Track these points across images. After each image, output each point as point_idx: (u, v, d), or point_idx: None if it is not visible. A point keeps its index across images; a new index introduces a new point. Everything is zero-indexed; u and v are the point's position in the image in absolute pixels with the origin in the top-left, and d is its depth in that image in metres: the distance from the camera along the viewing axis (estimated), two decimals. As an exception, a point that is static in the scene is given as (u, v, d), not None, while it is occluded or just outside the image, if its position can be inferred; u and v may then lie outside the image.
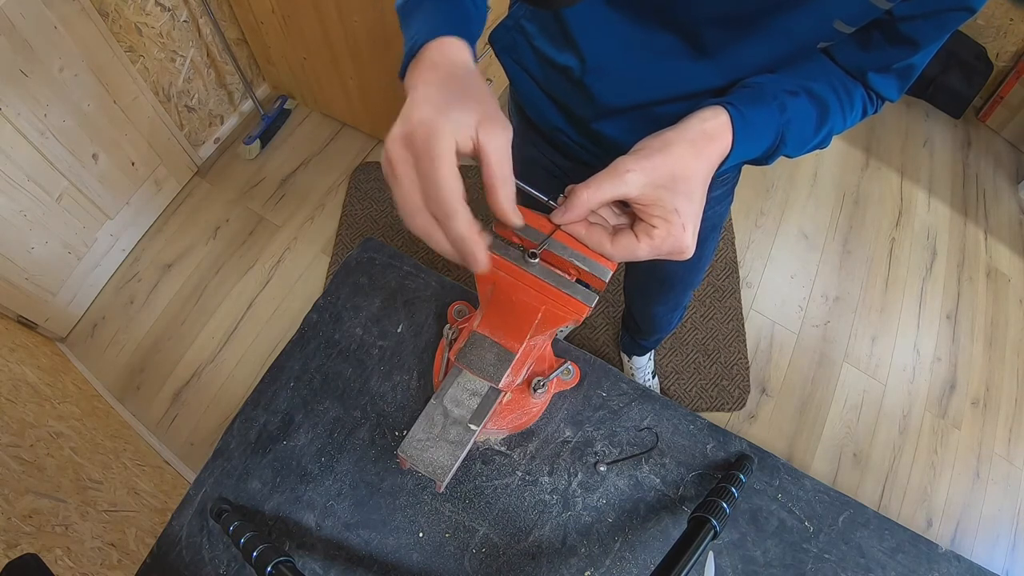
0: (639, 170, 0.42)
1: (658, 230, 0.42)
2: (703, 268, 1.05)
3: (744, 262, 1.90)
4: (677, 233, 0.42)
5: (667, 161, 0.42)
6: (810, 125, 0.52)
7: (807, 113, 0.51)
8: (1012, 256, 2.03)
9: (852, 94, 0.55)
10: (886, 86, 0.55)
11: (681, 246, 0.43)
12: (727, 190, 0.84)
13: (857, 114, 0.56)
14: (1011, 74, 2.12)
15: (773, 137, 0.49)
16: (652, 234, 0.43)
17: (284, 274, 1.82)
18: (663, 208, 0.42)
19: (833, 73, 0.54)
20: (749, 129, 0.46)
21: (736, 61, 0.52)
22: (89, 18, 1.41)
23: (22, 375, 1.29)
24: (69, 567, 0.91)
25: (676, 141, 0.43)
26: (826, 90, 0.52)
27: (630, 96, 0.59)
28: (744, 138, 0.46)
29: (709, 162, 0.45)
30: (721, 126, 0.45)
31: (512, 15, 0.67)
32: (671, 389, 1.69)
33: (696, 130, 0.44)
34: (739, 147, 0.46)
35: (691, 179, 0.43)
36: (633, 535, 0.64)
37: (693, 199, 0.43)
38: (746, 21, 0.48)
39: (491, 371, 0.47)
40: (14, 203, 1.43)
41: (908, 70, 0.53)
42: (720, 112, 0.45)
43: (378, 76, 1.68)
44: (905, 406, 1.73)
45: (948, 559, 0.65)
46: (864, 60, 0.53)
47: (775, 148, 0.50)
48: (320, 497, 0.65)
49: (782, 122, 0.49)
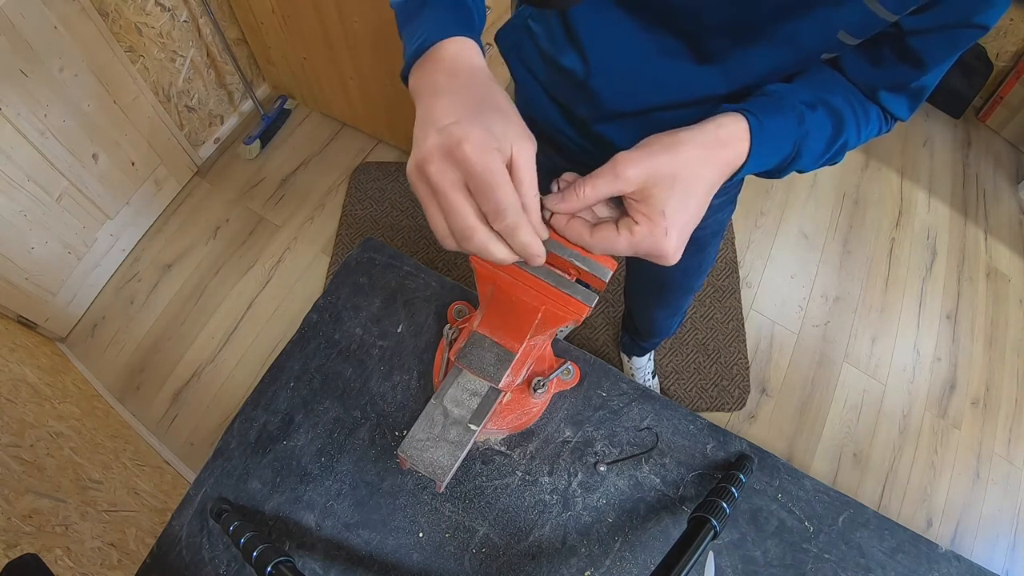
0: (639, 168, 0.41)
1: (639, 227, 0.41)
2: (703, 273, 1.04)
3: (744, 262, 1.90)
4: (658, 236, 0.41)
5: (672, 161, 0.41)
6: (825, 139, 0.50)
7: (824, 127, 0.50)
8: (1012, 256, 2.03)
9: (868, 110, 0.54)
10: (897, 105, 0.54)
11: (661, 249, 0.41)
12: (729, 198, 0.84)
13: (873, 130, 0.55)
14: (1011, 74, 2.12)
15: (790, 149, 0.48)
16: (633, 230, 0.41)
17: (284, 274, 1.82)
18: (651, 207, 0.41)
19: (850, 88, 0.53)
20: (766, 138, 0.45)
21: (740, 68, 0.52)
22: (89, 18, 1.41)
23: (22, 375, 1.29)
24: (69, 567, 0.91)
25: (687, 143, 0.42)
26: (843, 104, 0.51)
27: (633, 100, 0.59)
28: (761, 148, 0.44)
29: (719, 171, 0.43)
30: (738, 133, 0.44)
31: (519, 15, 0.67)
32: (671, 389, 1.69)
33: (711, 135, 0.43)
34: (755, 157, 0.44)
35: (692, 185, 0.42)
36: (633, 535, 0.64)
37: (688, 206, 0.42)
38: (750, 28, 0.48)
39: (491, 371, 0.47)
40: (14, 203, 1.43)
41: (920, 91, 0.52)
42: (739, 119, 0.44)
43: (378, 76, 1.68)
44: (905, 406, 1.73)
45: (948, 559, 0.65)
46: (875, 77, 0.52)
47: (790, 161, 0.49)
48: (320, 497, 0.65)
49: (800, 134, 0.47)
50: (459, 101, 0.39)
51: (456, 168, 0.37)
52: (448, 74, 0.41)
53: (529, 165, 0.39)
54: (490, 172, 0.36)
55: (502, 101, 0.41)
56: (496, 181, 0.36)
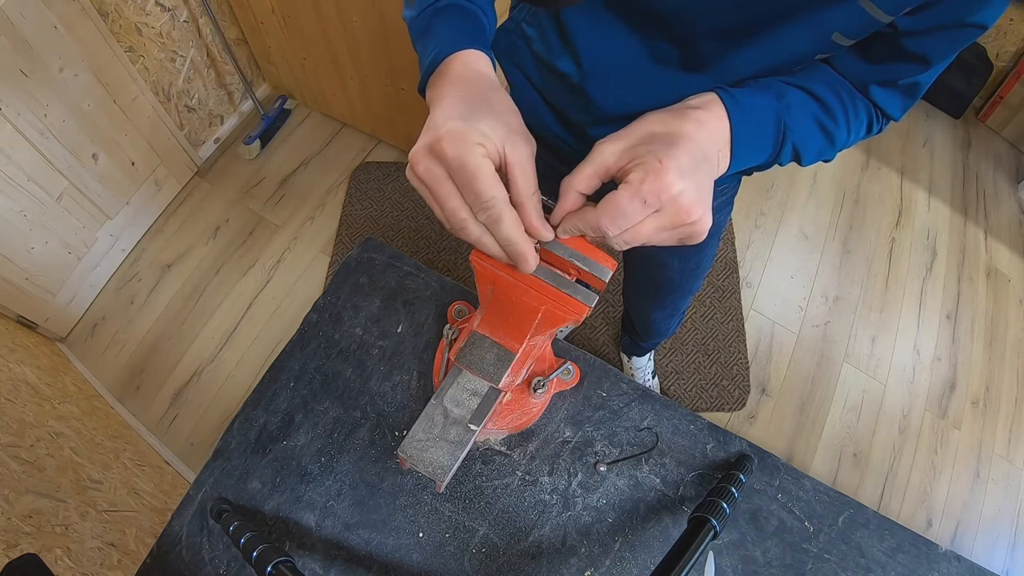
0: (613, 139, 0.41)
1: (634, 174, 0.39)
2: (702, 275, 1.04)
3: (744, 262, 1.90)
4: (654, 170, 0.38)
5: (641, 125, 0.41)
6: (811, 115, 0.50)
7: (805, 103, 0.49)
8: (1012, 256, 2.03)
9: (857, 103, 0.53)
10: (890, 102, 0.53)
11: (664, 183, 0.38)
12: (727, 199, 0.83)
13: (862, 126, 0.54)
14: (1011, 74, 2.12)
15: (774, 124, 0.47)
16: (629, 179, 0.39)
17: (284, 274, 1.82)
18: (639, 159, 0.39)
19: (837, 80, 0.53)
20: (743, 111, 0.44)
21: (733, 71, 0.51)
22: (89, 18, 1.41)
23: (22, 375, 1.29)
24: (69, 567, 0.91)
25: (654, 113, 0.42)
26: (827, 92, 0.51)
27: (627, 103, 0.59)
28: (740, 119, 0.44)
29: (700, 124, 0.41)
30: (708, 101, 0.44)
31: (513, 19, 0.67)
32: (671, 389, 1.69)
33: (679, 105, 0.43)
34: (738, 128, 0.44)
35: (673, 134, 0.40)
36: (633, 535, 0.64)
37: (679, 157, 0.39)
38: (744, 33, 0.48)
39: (491, 371, 0.47)
40: (14, 203, 1.43)
41: (913, 87, 0.52)
42: (707, 93, 0.44)
43: (378, 76, 1.68)
44: (905, 406, 1.73)
45: (948, 559, 0.65)
46: (866, 72, 0.51)
47: (782, 137, 0.48)
48: (320, 497, 0.65)
49: (781, 107, 0.47)
50: (456, 104, 0.40)
51: (439, 164, 0.39)
52: (455, 83, 0.43)
53: (522, 163, 0.39)
54: (466, 165, 0.38)
55: (499, 103, 0.42)
56: (473, 173, 0.38)
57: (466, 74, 0.43)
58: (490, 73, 0.44)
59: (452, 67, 0.44)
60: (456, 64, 0.44)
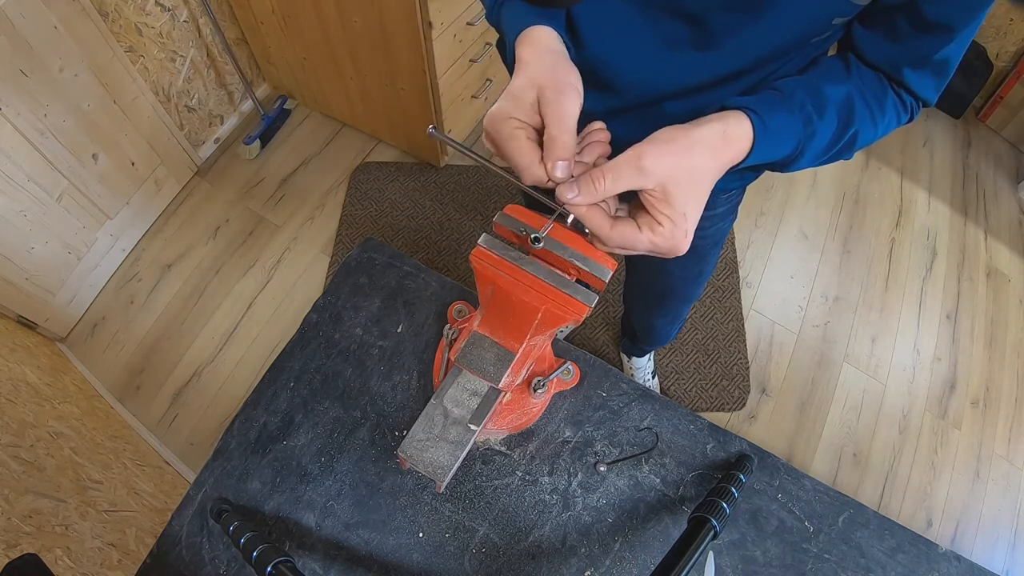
0: (662, 164, 0.42)
1: (663, 228, 0.43)
2: (703, 283, 1.04)
3: (744, 262, 1.90)
4: (679, 236, 0.43)
5: (690, 162, 0.42)
6: (829, 139, 0.51)
7: (830, 125, 0.50)
8: (1012, 256, 2.02)
9: (883, 101, 0.53)
10: (922, 84, 0.52)
11: (679, 247, 0.44)
12: (731, 207, 0.82)
13: (891, 120, 0.54)
14: (1011, 74, 2.12)
15: (792, 148, 0.48)
16: (656, 230, 0.43)
17: (284, 274, 1.82)
18: (674, 209, 0.42)
19: (864, 79, 0.52)
20: (769, 137, 0.46)
21: (744, 46, 0.51)
22: (89, 18, 1.41)
23: (22, 375, 1.29)
24: (69, 567, 0.91)
25: (699, 142, 0.43)
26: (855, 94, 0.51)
27: (637, 91, 0.59)
28: (763, 146, 0.46)
29: (720, 163, 0.45)
30: (742, 133, 0.45)
31: None
32: (671, 389, 1.69)
33: (718, 134, 0.44)
34: (756, 152, 0.46)
35: (702, 181, 0.44)
36: (633, 535, 0.64)
37: (699, 203, 0.44)
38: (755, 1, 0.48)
39: (491, 371, 0.47)
40: (14, 203, 1.42)
41: (944, 64, 0.51)
42: (743, 120, 0.45)
43: (378, 76, 1.68)
44: (905, 406, 1.73)
45: (948, 559, 0.65)
46: (895, 53, 0.51)
47: (792, 160, 0.49)
48: (320, 497, 0.65)
49: (805, 135, 0.48)
50: (519, 79, 0.46)
51: (488, 138, 0.48)
52: (518, 62, 0.48)
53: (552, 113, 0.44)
54: (499, 142, 0.46)
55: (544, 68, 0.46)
56: (503, 144, 0.45)
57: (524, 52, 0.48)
58: (548, 42, 0.48)
59: (519, 45, 0.49)
60: (520, 42, 0.49)
